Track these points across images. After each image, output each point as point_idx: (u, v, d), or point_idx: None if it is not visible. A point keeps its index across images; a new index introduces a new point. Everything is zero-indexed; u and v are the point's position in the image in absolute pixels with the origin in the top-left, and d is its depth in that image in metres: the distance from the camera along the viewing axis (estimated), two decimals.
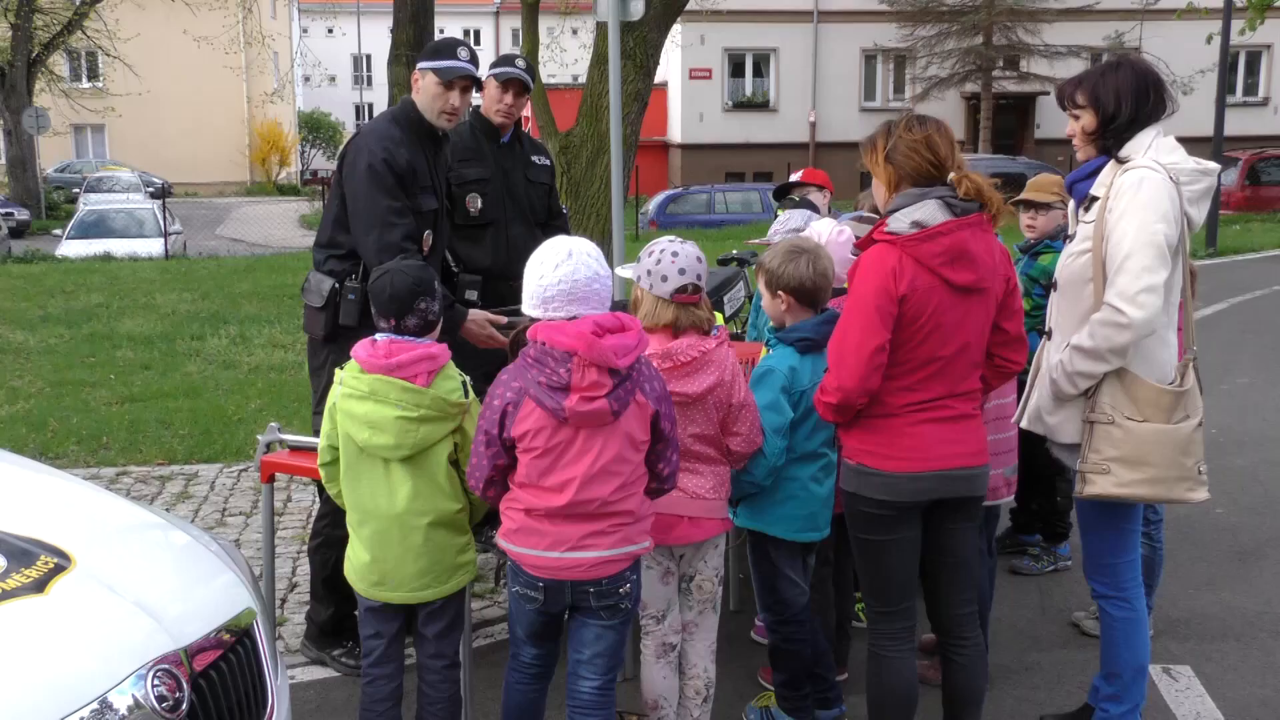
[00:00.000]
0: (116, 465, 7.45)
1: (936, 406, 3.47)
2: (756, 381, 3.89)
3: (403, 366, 3.46)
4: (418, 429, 3.47)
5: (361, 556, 3.61)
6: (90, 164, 44.15)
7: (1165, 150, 3.73)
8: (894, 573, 3.61)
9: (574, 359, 3.16)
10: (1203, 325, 12.54)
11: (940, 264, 3.36)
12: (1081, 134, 3.85)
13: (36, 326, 12.37)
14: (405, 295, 3.54)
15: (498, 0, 63.15)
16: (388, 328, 3.57)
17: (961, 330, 3.44)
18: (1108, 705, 3.98)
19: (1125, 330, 3.56)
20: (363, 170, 4.50)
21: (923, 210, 3.37)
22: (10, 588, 2.62)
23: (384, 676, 3.67)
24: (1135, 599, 3.93)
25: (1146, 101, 3.75)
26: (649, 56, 8.98)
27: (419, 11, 12.25)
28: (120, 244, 22.29)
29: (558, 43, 23.80)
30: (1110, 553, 3.91)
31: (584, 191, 9.10)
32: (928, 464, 3.47)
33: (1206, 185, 3.76)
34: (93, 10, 32.95)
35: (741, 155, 37.64)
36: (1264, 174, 28.63)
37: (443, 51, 4.66)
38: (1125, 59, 3.91)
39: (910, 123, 3.49)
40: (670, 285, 3.60)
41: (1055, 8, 34.48)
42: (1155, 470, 3.67)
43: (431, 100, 4.63)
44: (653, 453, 3.37)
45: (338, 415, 3.57)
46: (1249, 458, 7.74)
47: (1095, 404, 3.70)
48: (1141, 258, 3.55)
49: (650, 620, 3.79)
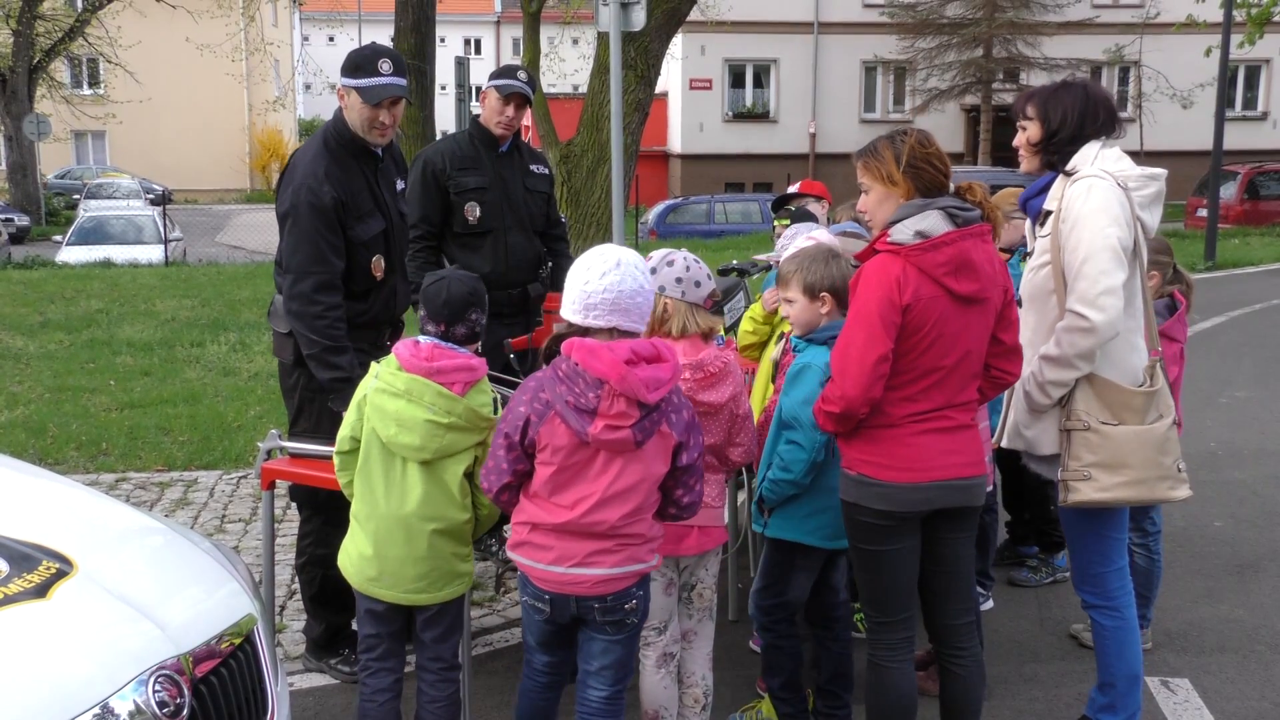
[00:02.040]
0: (116, 471, 7.45)
1: (936, 417, 3.47)
2: (794, 379, 3.86)
3: (443, 372, 3.47)
4: (444, 435, 3.48)
5: (363, 550, 3.61)
6: (91, 170, 44.12)
7: (1111, 160, 3.85)
8: (894, 583, 3.60)
9: (605, 386, 3.14)
10: (1201, 339, 12.57)
11: (944, 274, 3.37)
12: (1026, 145, 3.99)
13: (36, 332, 12.37)
14: (459, 303, 3.56)
15: (498, 9, 63.28)
16: (436, 333, 3.58)
17: (962, 340, 3.45)
18: (1103, 716, 4.01)
19: (1090, 334, 3.66)
20: (284, 212, 4.34)
21: (927, 221, 3.38)
22: (12, 592, 2.62)
23: (384, 670, 3.68)
24: (1125, 607, 3.95)
25: (1095, 120, 3.88)
26: (650, 66, 9.01)
27: (420, 20, 12.31)
28: (120, 250, 22.26)
29: (558, 52, 23.81)
30: (1097, 562, 3.95)
31: (584, 201, 9.12)
32: (928, 474, 3.47)
33: (1156, 190, 3.87)
34: (95, 17, 32.99)
35: (741, 166, 37.69)
36: (1263, 188, 28.61)
37: (363, 67, 4.32)
38: (1082, 81, 4.06)
39: (921, 138, 3.52)
40: (704, 291, 3.65)
41: (1055, 21, 34.59)
42: (1136, 472, 3.74)
43: (360, 119, 4.36)
44: (671, 478, 3.34)
45: (366, 408, 3.57)
46: (1247, 471, 7.74)
47: (1070, 412, 3.77)
48: (1098, 262, 3.66)
49: (652, 631, 3.78)
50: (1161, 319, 4.65)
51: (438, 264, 5.36)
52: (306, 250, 4.30)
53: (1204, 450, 8.17)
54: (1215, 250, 20.76)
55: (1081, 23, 34.87)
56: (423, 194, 5.31)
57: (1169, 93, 33.44)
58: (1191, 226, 25.94)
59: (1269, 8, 21.28)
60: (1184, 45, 28.53)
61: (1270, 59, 36.15)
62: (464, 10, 60.71)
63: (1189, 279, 4.90)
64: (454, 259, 5.37)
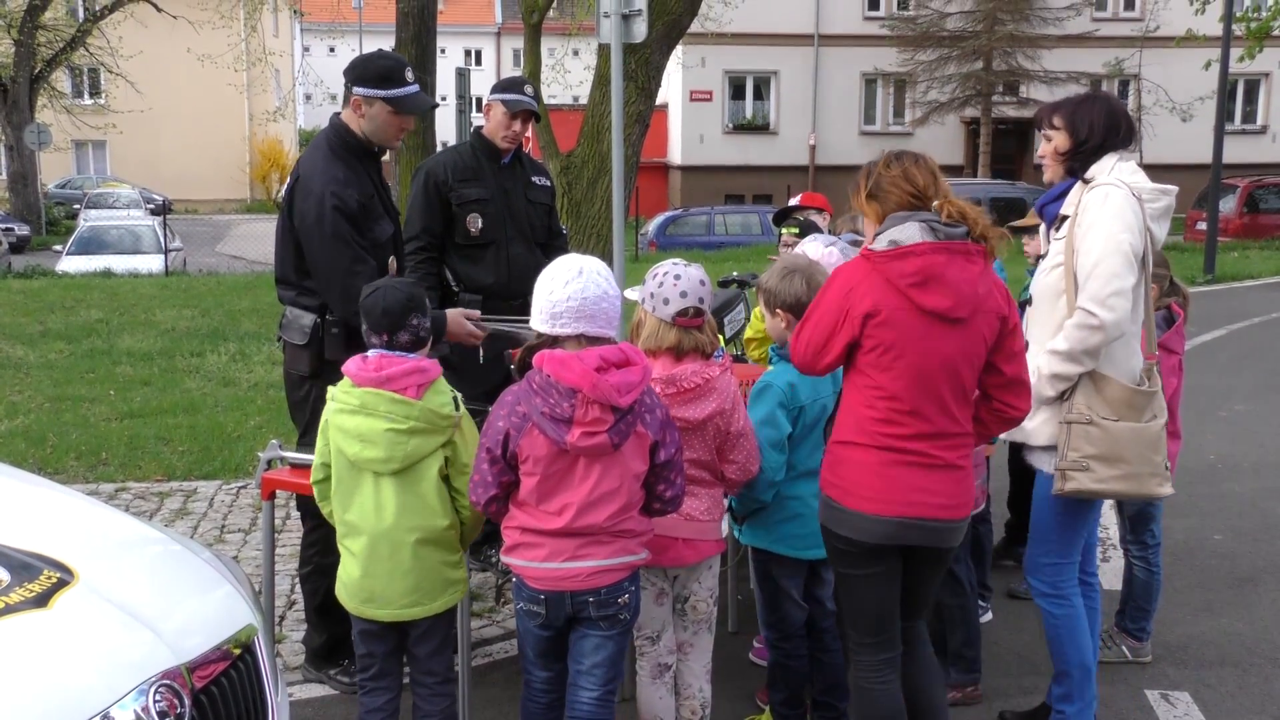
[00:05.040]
0: (115, 481, 7.45)
1: (914, 451, 3.36)
2: (755, 397, 3.91)
3: (393, 379, 3.48)
4: (408, 441, 3.48)
5: (352, 573, 3.62)
6: (91, 180, 44.18)
7: (1127, 173, 4.05)
8: (870, 606, 3.53)
9: (578, 395, 3.21)
10: (1201, 352, 12.58)
11: (909, 284, 3.29)
12: (1053, 154, 4.18)
13: (36, 342, 12.38)
14: (398, 311, 3.57)
15: (499, 21, 63.43)
16: (380, 344, 3.58)
17: (933, 360, 3.32)
18: (1062, 706, 4.16)
19: (1098, 332, 3.80)
20: (313, 222, 4.36)
21: (903, 231, 3.35)
22: (13, 602, 2.63)
23: (380, 689, 3.68)
24: (1073, 596, 4.12)
25: (1116, 133, 4.09)
26: (651, 78, 9.01)
27: (420, 32, 12.33)
28: (120, 260, 22.27)
29: (560, 64, 23.85)
30: (1057, 554, 4.11)
31: (585, 212, 9.11)
32: (894, 509, 3.37)
33: (1166, 204, 4.12)
34: (96, 28, 33.07)
35: (741, 177, 37.74)
36: (1262, 201, 28.67)
37: (392, 78, 4.44)
38: (1103, 94, 4.29)
39: (888, 160, 3.52)
40: (672, 308, 3.62)
41: (1055, 34, 34.70)
42: (1130, 466, 3.89)
43: (385, 128, 4.48)
44: (652, 474, 3.41)
45: (330, 431, 3.58)
46: (1247, 484, 7.74)
47: (1072, 406, 3.91)
48: (1110, 264, 3.81)
49: (645, 641, 3.80)
50: (1160, 331, 4.70)
51: (439, 275, 5.37)
52: (347, 254, 4.35)
53: (1203, 463, 8.18)
54: (1215, 263, 20.81)
55: (1081, 36, 34.95)
56: (425, 205, 5.32)
57: (1168, 106, 33.51)
58: (1191, 239, 25.96)
59: (1268, 22, 21.38)
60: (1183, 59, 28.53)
61: (1270, 73, 36.23)
62: (465, 21, 60.91)
63: (1186, 291, 4.95)
64: (456, 270, 5.38)
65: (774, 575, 4.05)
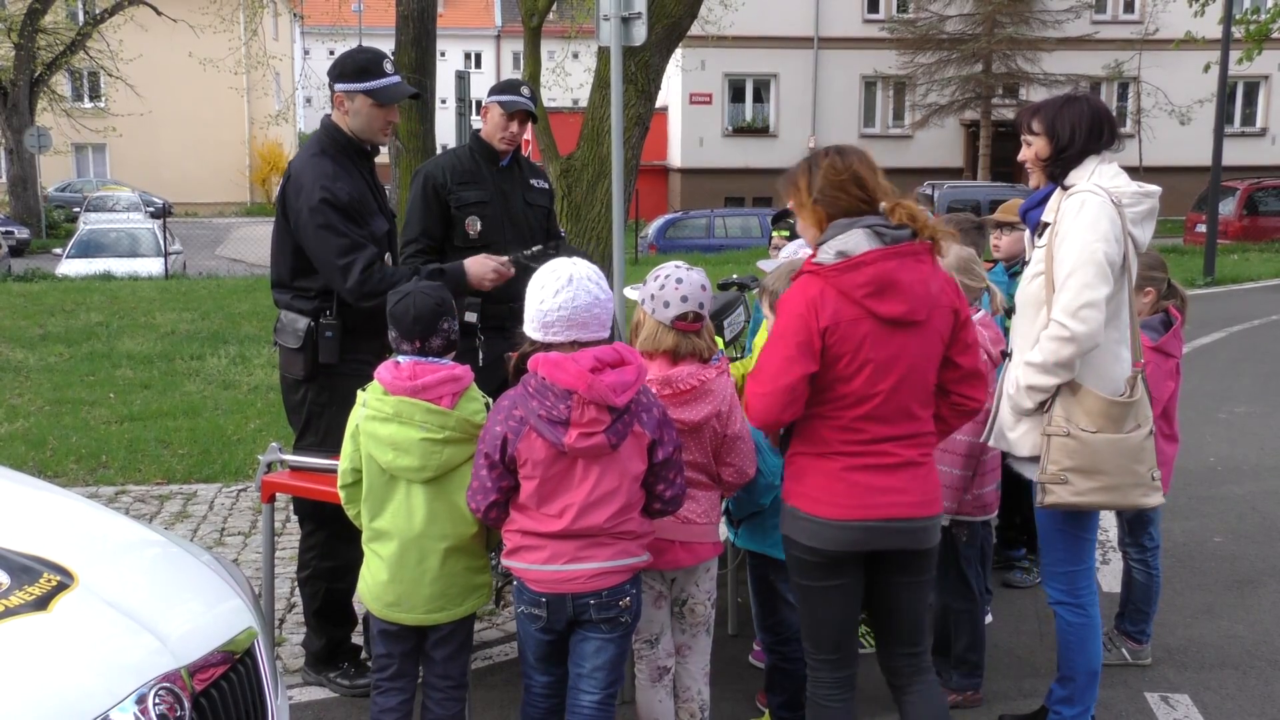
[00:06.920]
0: (115, 484, 7.45)
1: (875, 451, 3.31)
2: None
3: (428, 388, 3.47)
4: (442, 451, 3.48)
5: (379, 576, 3.61)
6: (91, 183, 44.15)
7: (1107, 176, 3.91)
8: (828, 621, 3.46)
9: (574, 396, 3.21)
10: (1201, 354, 12.58)
11: (865, 295, 3.23)
12: (1034, 159, 4.04)
13: (36, 345, 12.38)
14: (429, 317, 3.56)
15: (499, 24, 63.44)
16: (411, 350, 3.57)
17: (896, 366, 3.28)
18: (1061, 708, 4.14)
19: (1069, 344, 3.75)
20: (305, 216, 4.40)
21: (848, 240, 3.25)
22: (13, 605, 2.63)
23: (395, 689, 3.68)
24: (1089, 605, 4.09)
25: (1098, 137, 3.95)
26: (651, 81, 9.00)
27: (420, 35, 12.36)
28: (120, 263, 22.27)
29: (560, 67, 23.84)
30: (1067, 561, 4.08)
31: (584, 215, 9.10)
32: (859, 512, 3.31)
33: (1148, 207, 3.94)
34: (96, 31, 33.08)
35: (741, 180, 37.74)
36: (1261, 204, 28.65)
37: (370, 70, 4.48)
38: (1083, 95, 4.11)
39: (833, 158, 3.36)
40: (671, 312, 3.62)
41: (1054, 37, 34.72)
42: (1110, 478, 3.84)
43: (370, 122, 4.53)
44: (651, 474, 3.40)
45: (361, 437, 3.57)
46: (1247, 486, 7.75)
47: (1051, 418, 3.87)
48: (1082, 275, 3.74)
49: (643, 645, 3.80)
50: (1158, 334, 4.71)
51: None
52: (342, 241, 4.38)
53: (1203, 465, 8.18)
54: (1214, 266, 20.80)
55: (1081, 39, 34.98)
56: (423, 208, 5.32)
57: (1168, 108, 33.54)
58: (1190, 242, 25.97)
59: (1267, 24, 21.39)
60: (1183, 61, 28.59)
61: (1269, 75, 36.24)
62: (464, 24, 60.92)
63: (1184, 294, 4.94)
64: None
65: (770, 579, 4.05)
